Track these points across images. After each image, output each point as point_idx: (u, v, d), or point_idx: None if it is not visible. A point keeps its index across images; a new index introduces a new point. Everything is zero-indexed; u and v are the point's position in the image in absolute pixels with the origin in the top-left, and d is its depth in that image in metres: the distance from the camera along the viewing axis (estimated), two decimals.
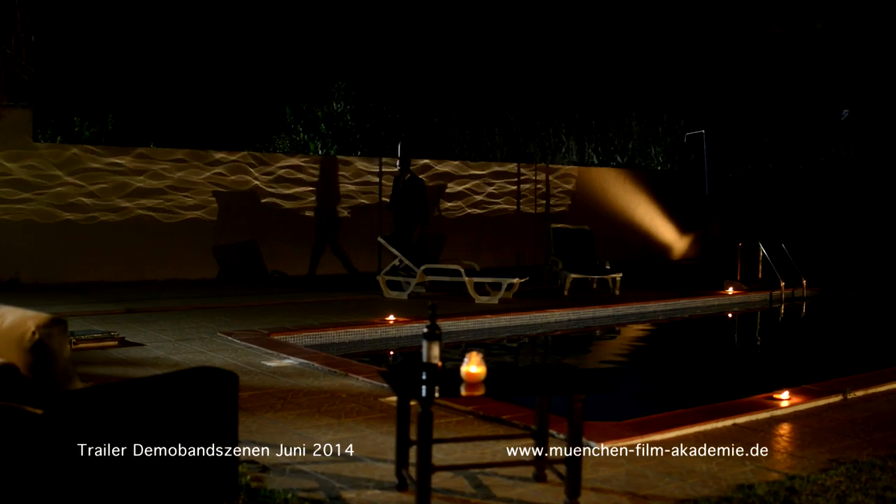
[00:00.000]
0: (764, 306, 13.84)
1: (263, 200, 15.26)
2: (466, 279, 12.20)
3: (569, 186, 19.00)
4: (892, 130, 22.51)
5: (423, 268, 12.46)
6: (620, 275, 13.29)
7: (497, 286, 12.43)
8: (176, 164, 14.42)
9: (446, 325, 10.38)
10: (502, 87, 29.71)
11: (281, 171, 15.43)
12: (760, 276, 14.69)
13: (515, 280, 12.21)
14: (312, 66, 22.34)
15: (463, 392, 4.24)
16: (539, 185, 18.61)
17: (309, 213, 15.72)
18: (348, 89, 20.03)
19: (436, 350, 4.28)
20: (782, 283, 13.92)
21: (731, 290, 13.80)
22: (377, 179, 16.38)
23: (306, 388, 6.71)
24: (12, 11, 7.85)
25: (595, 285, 13.98)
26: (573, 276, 13.14)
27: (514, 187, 18.24)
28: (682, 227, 20.95)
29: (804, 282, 14.20)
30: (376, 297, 12.65)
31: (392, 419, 5.77)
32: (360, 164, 16.26)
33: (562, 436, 5.22)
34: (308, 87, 20.68)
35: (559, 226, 14.50)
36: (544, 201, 18.67)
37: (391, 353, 9.54)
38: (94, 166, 13.72)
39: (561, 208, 18.82)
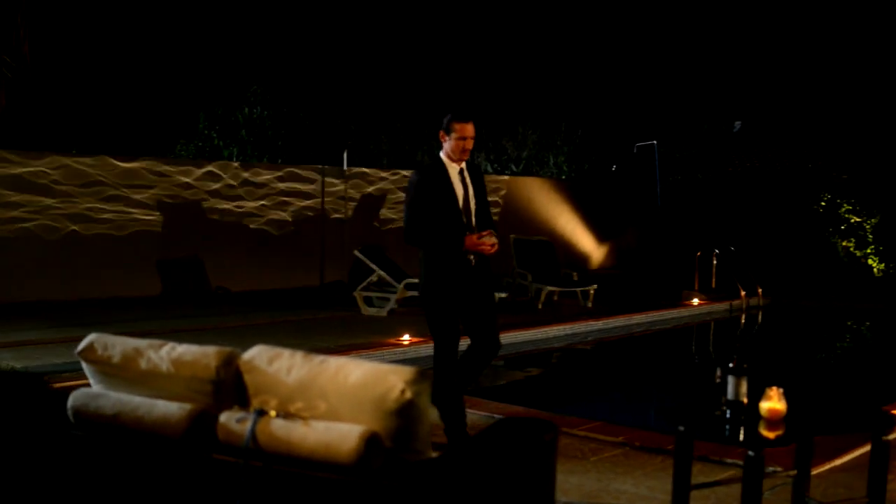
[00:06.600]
0: (725, 315, 13.87)
1: (207, 212, 14.20)
2: None
3: (499, 196, 18.65)
4: (780, 144, 23.32)
5: (404, 282, 11.80)
6: (595, 287, 13.00)
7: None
8: (122, 171, 13.21)
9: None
10: (388, 94, 29.15)
11: (230, 181, 14.41)
12: (714, 285, 14.73)
13: (503, 294, 11.72)
14: (222, 70, 21.15)
15: (763, 432, 3.76)
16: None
17: (253, 226, 14.72)
18: (264, 94, 19.03)
19: (744, 387, 3.77)
20: (743, 293, 13.99)
21: (696, 301, 13.76)
22: (318, 189, 15.54)
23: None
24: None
25: (556, 297, 13.59)
26: (549, 288, 12.76)
27: None
28: (600, 236, 20.96)
29: (760, 290, 14.32)
30: (352, 313, 11.91)
31: (610, 460, 5.30)
32: (302, 173, 15.35)
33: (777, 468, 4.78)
34: (217, 91, 19.51)
35: (520, 237, 14.11)
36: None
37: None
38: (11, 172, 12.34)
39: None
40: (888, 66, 22.61)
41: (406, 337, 9.50)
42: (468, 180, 5.45)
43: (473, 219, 5.45)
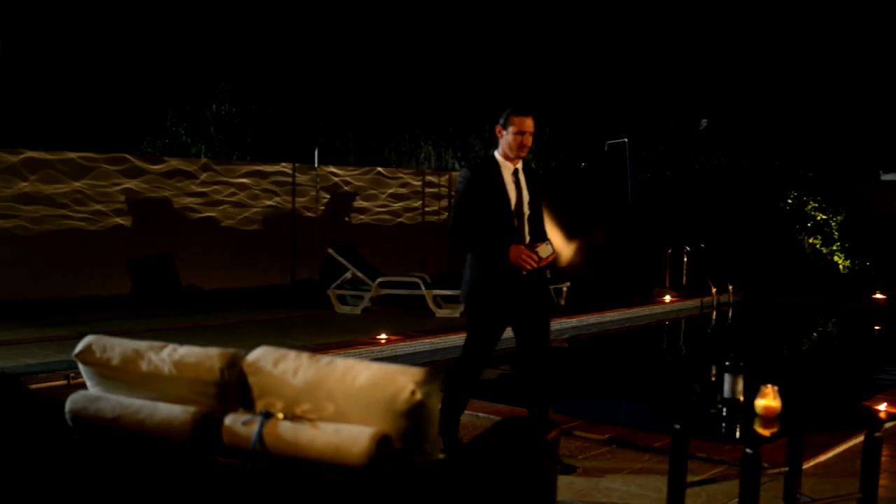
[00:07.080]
0: (697, 312, 13.97)
1: (177, 209, 14.06)
2: (426, 292, 11.61)
3: None
4: (747, 141, 23.56)
5: (378, 280, 11.77)
6: (568, 284, 13.04)
7: (457, 299, 11.90)
8: (85, 169, 13.04)
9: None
10: (356, 91, 29.05)
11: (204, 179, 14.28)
12: (685, 282, 14.82)
13: None
14: (190, 67, 20.96)
15: (759, 429, 3.79)
16: (441, 191, 18.17)
17: (224, 223, 14.60)
18: (233, 90, 18.89)
19: (741, 385, 3.80)
20: (714, 290, 14.10)
21: (668, 298, 13.85)
22: (288, 186, 15.45)
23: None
24: None
25: None
26: None
27: (413, 194, 17.71)
28: (569, 234, 21.00)
29: (730, 288, 14.43)
30: (326, 311, 11.87)
31: (597, 458, 5.36)
32: (272, 170, 15.25)
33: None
34: (185, 87, 19.32)
35: None
36: (443, 207, 18.24)
37: None
38: None
39: None
40: (853, 64, 22.91)
41: (382, 335, 9.48)
42: (522, 183, 5.04)
43: (526, 225, 5.02)
